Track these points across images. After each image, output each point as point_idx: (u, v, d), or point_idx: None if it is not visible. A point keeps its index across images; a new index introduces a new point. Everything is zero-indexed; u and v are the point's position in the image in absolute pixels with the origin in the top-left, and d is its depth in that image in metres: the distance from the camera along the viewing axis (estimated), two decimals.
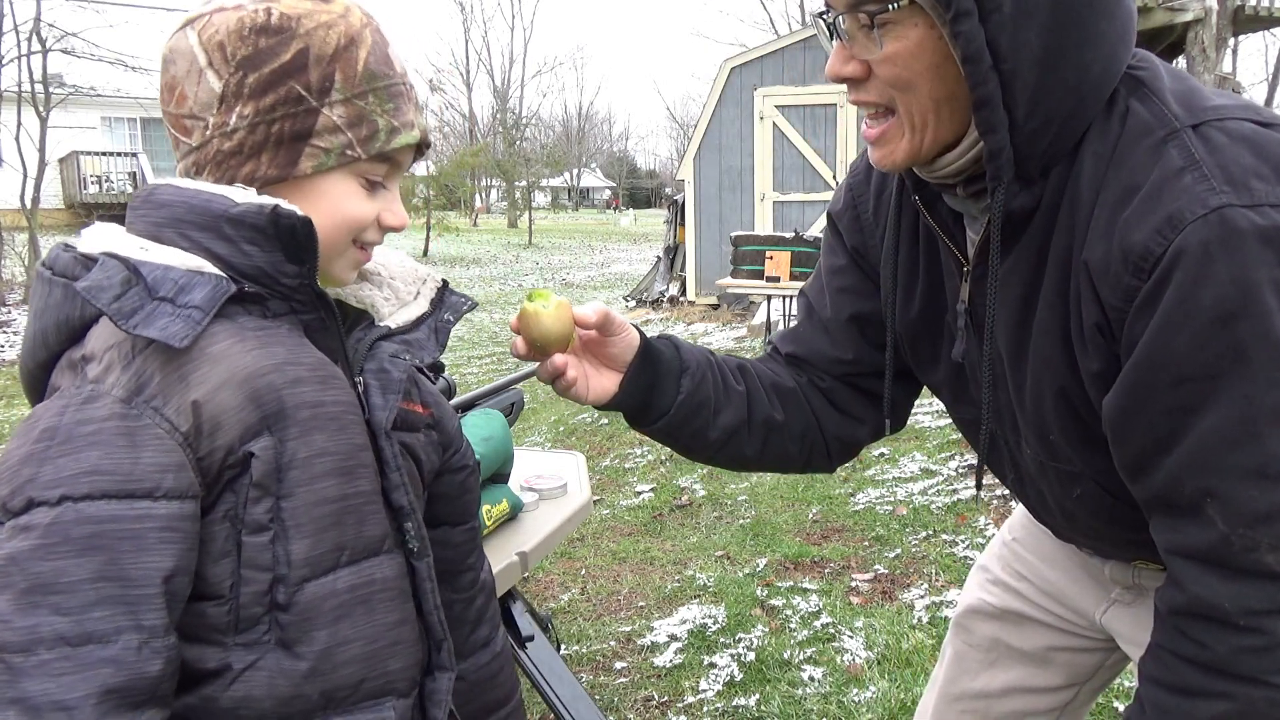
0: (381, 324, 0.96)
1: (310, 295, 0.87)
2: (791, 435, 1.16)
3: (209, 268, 0.82)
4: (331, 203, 0.88)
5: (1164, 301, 0.79)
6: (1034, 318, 0.93)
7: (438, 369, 1.87)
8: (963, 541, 3.54)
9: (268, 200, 0.83)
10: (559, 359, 1.03)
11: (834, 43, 0.91)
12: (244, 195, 0.83)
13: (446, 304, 1.02)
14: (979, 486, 1.20)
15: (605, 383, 1.07)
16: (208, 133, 0.85)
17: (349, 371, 0.92)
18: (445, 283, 1.04)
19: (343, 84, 0.85)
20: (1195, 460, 0.82)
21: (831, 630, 2.95)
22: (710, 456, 1.16)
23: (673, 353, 1.09)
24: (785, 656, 2.80)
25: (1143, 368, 0.82)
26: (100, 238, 0.83)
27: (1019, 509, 1.34)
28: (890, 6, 0.84)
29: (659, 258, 12.88)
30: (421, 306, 1.00)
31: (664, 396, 1.08)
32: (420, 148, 0.93)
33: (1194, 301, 0.78)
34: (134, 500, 0.75)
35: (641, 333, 1.09)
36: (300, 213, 0.83)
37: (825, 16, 0.91)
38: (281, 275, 0.85)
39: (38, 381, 0.85)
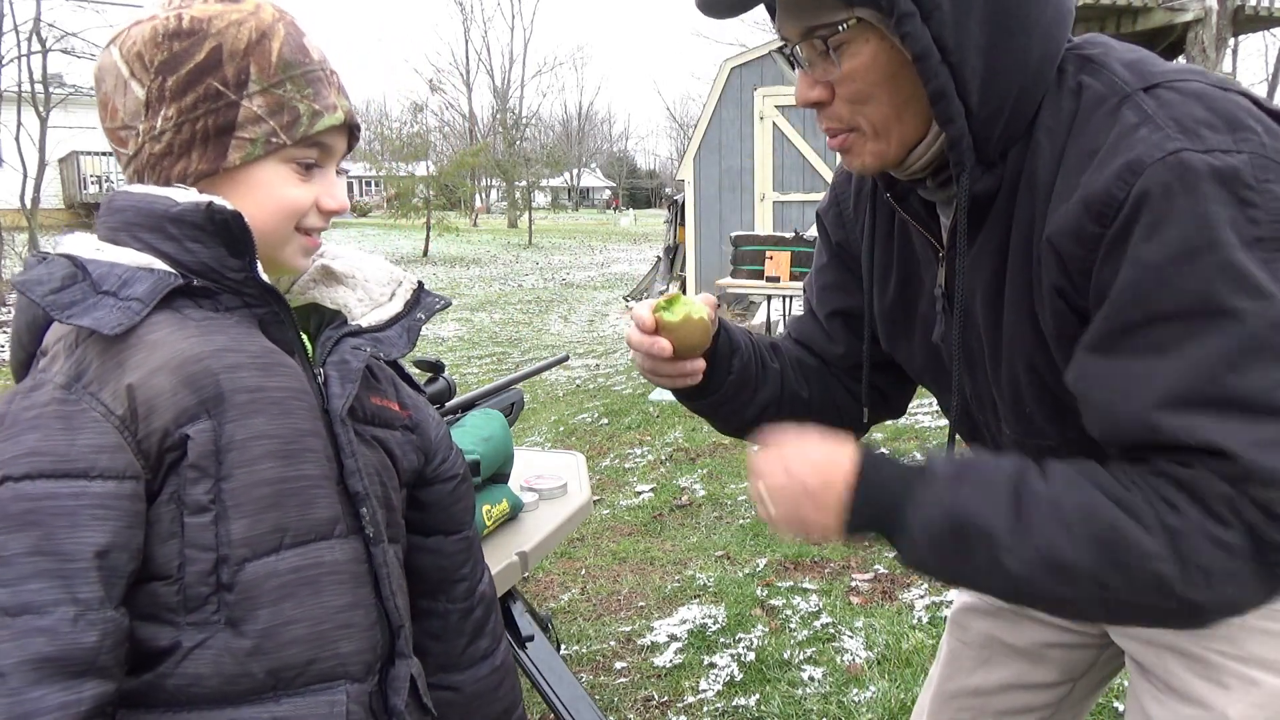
0: (353, 323, 0.99)
1: (258, 289, 0.91)
2: (814, 411, 1.22)
3: (158, 265, 0.86)
4: (267, 191, 0.91)
5: (1131, 244, 0.82)
6: (1004, 293, 0.97)
7: (438, 369, 1.88)
8: None
9: (204, 198, 0.87)
10: (699, 363, 1.09)
11: (797, 72, 0.97)
12: (185, 195, 0.87)
13: (421, 304, 1.05)
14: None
15: None
16: (140, 140, 0.90)
17: (307, 363, 0.95)
18: (421, 284, 1.07)
19: (258, 75, 0.89)
20: (1174, 398, 0.80)
21: (831, 630, 2.95)
22: (741, 429, 1.22)
23: (724, 335, 1.15)
24: (785, 656, 2.81)
25: (1115, 306, 0.83)
26: (69, 244, 0.88)
27: None
28: (840, 27, 0.89)
29: (659, 258, 12.88)
30: (395, 307, 1.03)
31: (718, 374, 1.14)
32: (351, 131, 0.96)
33: (1160, 240, 0.80)
34: (69, 479, 0.79)
35: None
36: (230, 207, 0.87)
37: (784, 49, 0.97)
38: (226, 270, 0.89)
39: (19, 380, 0.89)
